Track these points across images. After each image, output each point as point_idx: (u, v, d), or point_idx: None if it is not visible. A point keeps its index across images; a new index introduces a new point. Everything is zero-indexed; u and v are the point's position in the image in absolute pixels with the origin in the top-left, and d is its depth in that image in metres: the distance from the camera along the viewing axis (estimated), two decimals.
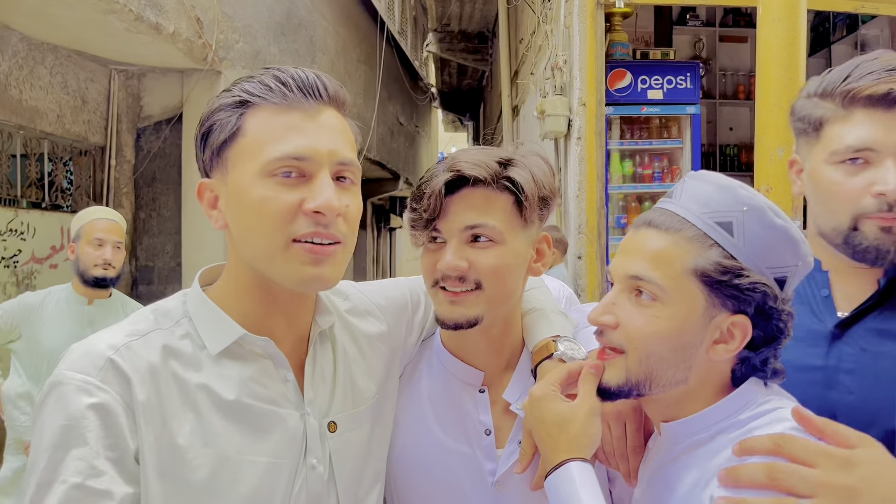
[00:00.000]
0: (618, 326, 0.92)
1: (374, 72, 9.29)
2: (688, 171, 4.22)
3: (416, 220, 1.04)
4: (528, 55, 5.43)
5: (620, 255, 0.97)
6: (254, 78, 0.93)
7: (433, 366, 1.19)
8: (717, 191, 0.92)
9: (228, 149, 0.91)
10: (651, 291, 0.90)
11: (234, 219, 0.92)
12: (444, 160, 1.08)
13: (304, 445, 0.96)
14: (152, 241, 5.70)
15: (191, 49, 4.85)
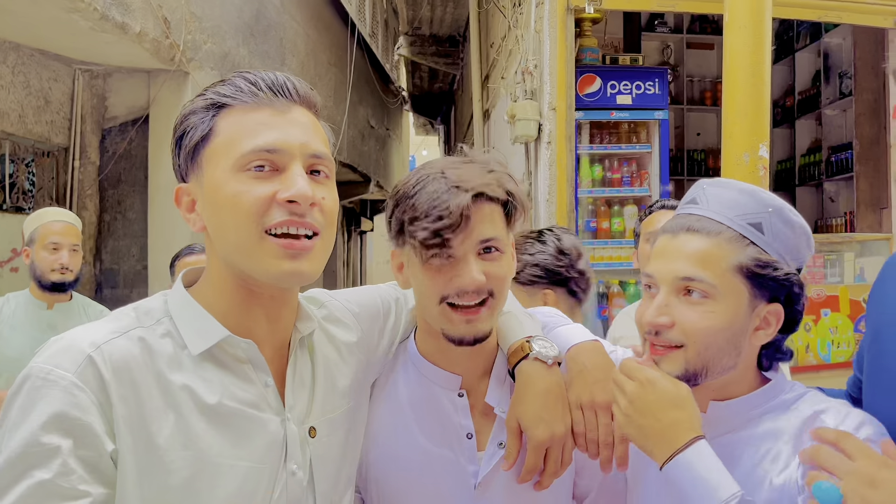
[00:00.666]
0: (674, 325, 1.02)
1: (345, 74, 9.25)
2: (656, 175, 4.28)
3: (429, 238, 1.03)
4: (499, 59, 5.45)
5: (662, 259, 1.06)
6: (225, 81, 0.95)
7: (410, 372, 1.19)
8: (742, 195, 1.06)
9: (202, 150, 0.92)
10: (702, 290, 1.01)
11: (210, 217, 0.93)
12: (436, 176, 1.07)
13: (284, 451, 0.95)
14: (117, 243, 5.60)
15: (158, 49, 4.77)
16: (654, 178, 4.29)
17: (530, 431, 1.08)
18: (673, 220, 1.10)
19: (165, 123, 5.21)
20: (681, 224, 1.06)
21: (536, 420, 1.08)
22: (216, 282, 0.97)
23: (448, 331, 1.09)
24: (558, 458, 1.09)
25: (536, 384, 1.11)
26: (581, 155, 4.26)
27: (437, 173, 1.06)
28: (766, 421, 1.05)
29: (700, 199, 1.08)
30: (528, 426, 1.09)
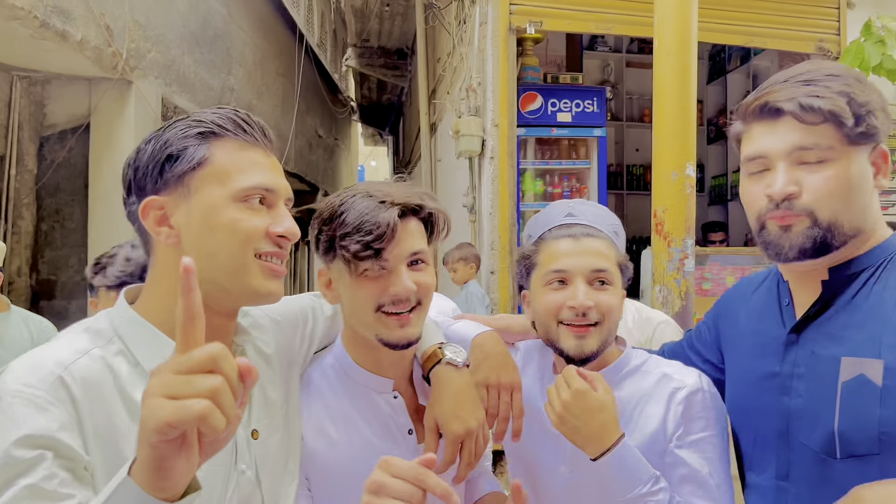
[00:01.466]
0: (594, 307, 1.26)
1: (293, 84, 9.24)
2: (595, 190, 4.43)
3: (361, 251, 1.13)
4: (445, 75, 5.55)
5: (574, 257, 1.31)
6: (220, 114, 1.04)
7: (343, 382, 1.28)
8: (600, 210, 1.40)
9: (193, 174, 1.00)
10: (608, 278, 1.30)
11: (197, 236, 1.00)
12: (363, 194, 1.17)
13: (234, 453, 1.04)
14: (55, 254, 5.47)
15: (99, 57, 4.72)
16: (593, 192, 4.45)
17: (447, 427, 1.20)
18: (568, 228, 1.33)
19: (107, 132, 5.14)
20: (580, 231, 1.32)
21: (452, 417, 1.20)
22: (169, 299, 1.00)
23: (384, 336, 1.18)
24: (472, 450, 1.22)
25: (450, 386, 1.23)
26: (525, 169, 4.39)
27: (362, 193, 1.18)
28: (627, 385, 1.33)
29: (576, 213, 1.35)
30: (444, 423, 1.21)
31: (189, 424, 0.69)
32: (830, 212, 1.07)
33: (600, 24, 4.10)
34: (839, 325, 1.11)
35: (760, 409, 1.20)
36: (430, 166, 6.35)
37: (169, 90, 5.68)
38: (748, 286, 1.38)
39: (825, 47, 4.60)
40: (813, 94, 1.05)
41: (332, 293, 1.24)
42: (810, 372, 1.13)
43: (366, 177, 21.98)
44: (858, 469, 1.03)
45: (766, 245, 1.13)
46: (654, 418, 1.28)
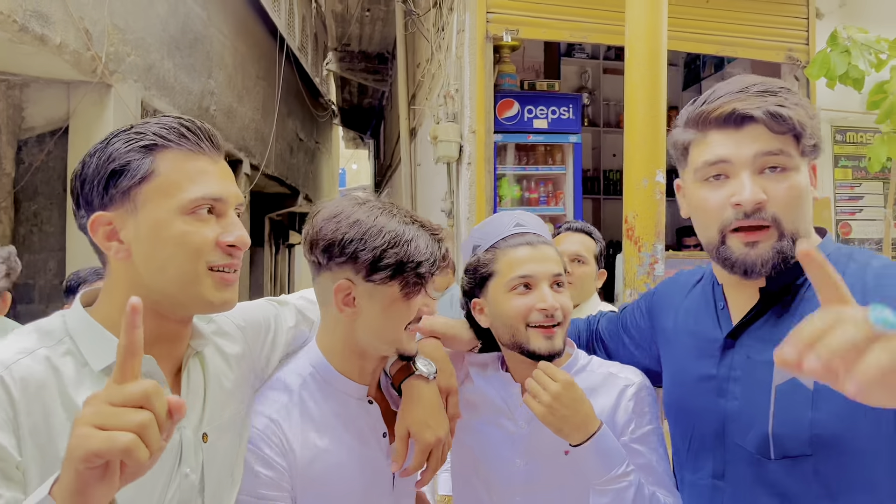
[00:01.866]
0: (559, 307, 1.37)
1: (274, 88, 9.24)
2: (570, 195, 4.51)
3: (427, 277, 1.26)
4: (424, 81, 5.62)
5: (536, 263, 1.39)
6: (163, 124, 1.03)
7: (322, 388, 1.34)
8: (539, 220, 1.50)
9: (139, 188, 0.99)
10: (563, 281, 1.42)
11: (147, 250, 1.00)
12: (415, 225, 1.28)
13: (179, 456, 1.05)
14: (33, 257, 5.45)
15: (78, 61, 4.72)
16: (569, 197, 4.53)
17: (419, 436, 1.28)
18: (522, 236, 1.42)
19: (86, 135, 5.13)
20: (534, 239, 1.42)
21: (423, 427, 1.29)
22: (121, 308, 0.98)
23: (405, 348, 1.30)
24: (439, 456, 1.31)
25: (421, 397, 1.32)
26: (502, 175, 4.46)
27: (413, 222, 1.27)
28: (579, 381, 1.36)
29: (523, 223, 1.45)
30: (417, 432, 1.29)
31: (114, 456, 0.72)
32: (792, 221, 1.08)
33: (575, 33, 4.18)
34: (774, 331, 1.12)
35: (697, 410, 1.24)
36: (410, 171, 6.40)
37: (148, 94, 5.69)
38: (685, 283, 1.41)
39: (794, 56, 4.72)
40: (780, 104, 1.07)
41: (353, 308, 1.26)
42: (746, 376, 1.15)
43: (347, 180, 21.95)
44: (792, 469, 1.06)
45: (729, 262, 1.12)
46: (604, 410, 1.38)
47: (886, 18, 4.76)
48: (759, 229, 1.08)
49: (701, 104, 1.14)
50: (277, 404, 1.29)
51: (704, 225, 1.16)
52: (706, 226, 1.15)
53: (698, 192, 1.15)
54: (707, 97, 1.14)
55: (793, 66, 4.73)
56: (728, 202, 1.09)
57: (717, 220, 1.11)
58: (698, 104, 1.15)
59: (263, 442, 1.24)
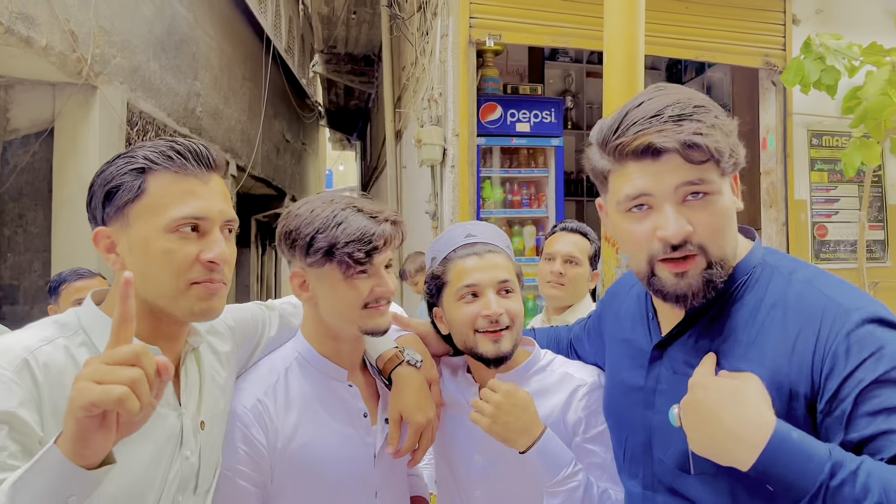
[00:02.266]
0: (504, 313, 1.43)
1: (260, 89, 9.26)
2: (552, 197, 4.58)
3: (363, 258, 1.32)
4: (409, 84, 5.67)
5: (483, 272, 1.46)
6: (155, 147, 1.13)
7: (305, 369, 1.44)
8: (494, 229, 1.57)
9: (131, 206, 1.10)
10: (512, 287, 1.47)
11: (136, 264, 1.10)
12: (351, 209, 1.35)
13: (180, 439, 1.17)
14: (18, 258, 5.45)
15: (64, 63, 4.73)
16: (551, 200, 4.59)
17: (412, 418, 1.41)
18: (471, 247, 1.49)
19: (71, 137, 5.14)
20: (482, 248, 1.48)
21: (415, 409, 1.42)
22: None
23: (367, 326, 1.38)
24: (429, 437, 1.44)
25: (412, 383, 1.44)
26: (486, 178, 4.52)
27: (349, 207, 1.36)
28: (533, 382, 1.50)
29: (475, 233, 1.52)
30: (409, 414, 1.41)
31: (109, 406, 0.83)
32: (719, 247, 1.06)
33: (557, 38, 4.24)
34: (698, 346, 1.11)
35: (629, 421, 1.25)
36: (395, 173, 6.45)
37: (134, 95, 5.70)
38: (624, 287, 1.43)
39: (772, 62, 4.81)
40: (697, 131, 1.02)
41: (308, 293, 1.40)
42: (670, 389, 1.14)
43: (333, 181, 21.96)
44: (711, 485, 1.06)
45: (661, 293, 1.10)
46: (555, 410, 1.45)
47: (861, 25, 4.86)
48: (686, 259, 1.06)
49: (615, 132, 1.08)
50: (265, 385, 1.40)
51: (632, 255, 1.13)
52: (634, 256, 1.13)
53: (623, 223, 1.12)
54: (621, 123, 1.08)
55: (770, 72, 4.83)
56: (654, 235, 1.06)
57: (644, 252, 1.09)
58: (612, 131, 1.09)
59: (250, 420, 1.34)
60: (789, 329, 1.02)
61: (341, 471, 1.39)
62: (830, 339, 0.97)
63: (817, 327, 1.00)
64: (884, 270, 4.97)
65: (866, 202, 4.51)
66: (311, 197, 1.42)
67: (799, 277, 1.08)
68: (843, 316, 0.98)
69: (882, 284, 4.85)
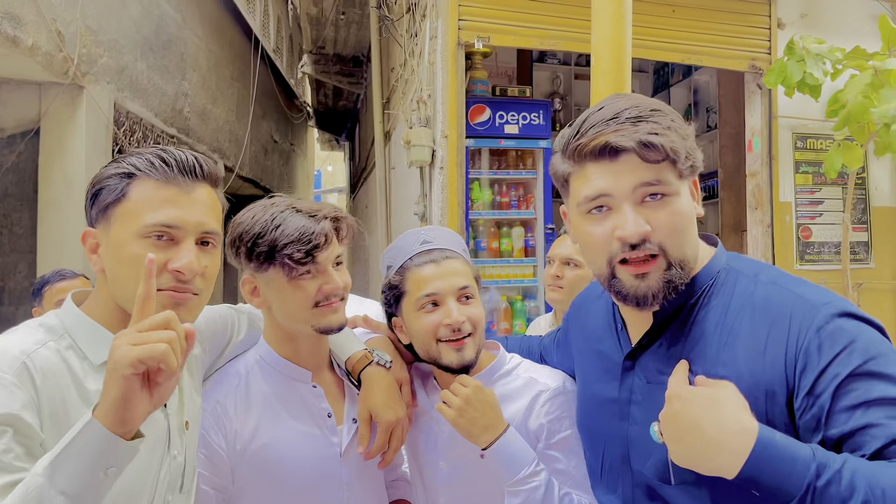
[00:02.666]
0: (466, 320, 1.41)
1: (248, 89, 9.23)
2: (541, 199, 4.60)
3: (304, 258, 1.31)
4: (398, 85, 5.68)
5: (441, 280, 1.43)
6: (142, 154, 1.14)
7: (267, 376, 1.44)
8: (452, 234, 1.55)
9: (113, 209, 1.12)
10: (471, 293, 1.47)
11: (110, 266, 1.12)
12: (290, 210, 1.35)
13: (168, 440, 1.19)
14: (3, 259, 5.41)
15: (50, 63, 4.70)
16: (539, 201, 4.62)
17: (382, 417, 1.41)
18: (427, 254, 1.45)
19: (57, 137, 5.11)
20: (439, 255, 1.46)
21: (385, 408, 1.41)
22: (107, 308, 1.16)
23: (322, 324, 1.38)
24: (399, 436, 1.43)
25: (381, 383, 1.44)
26: (475, 179, 4.54)
27: (287, 208, 1.35)
28: (497, 387, 1.47)
29: (430, 239, 1.49)
30: (379, 413, 1.41)
31: (152, 362, 0.88)
32: (679, 248, 1.07)
33: (545, 41, 4.27)
34: (669, 355, 1.11)
35: (606, 434, 1.23)
36: (384, 174, 6.45)
37: (121, 95, 5.67)
38: (589, 298, 1.42)
39: (757, 65, 4.86)
40: (652, 131, 1.04)
41: (260, 299, 1.40)
42: (644, 400, 1.14)
43: (322, 182, 21.90)
44: (691, 495, 1.06)
45: (621, 295, 1.10)
46: (516, 415, 1.43)
47: (846, 29, 4.92)
48: (646, 261, 1.07)
49: (575, 135, 1.10)
50: (225, 388, 1.40)
51: (593, 257, 1.13)
52: (594, 258, 1.13)
53: (583, 225, 1.12)
54: (580, 127, 1.10)
55: (756, 75, 4.87)
56: (613, 235, 1.07)
57: (604, 253, 1.09)
58: (572, 135, 1.11)
59: (209, 423, 1.35)
60: (759, 330, 1.03)
61: (305, 471, 1.39)
62: (801, 335, 0.99)
63: (787, 325, 1.01)
64: (867, 272, 5.03)
65: (850, 204, 4.57)
66: (254, 203, 1.42)
67: (764, 279, 1.09)
68: (812, 312, 0.99)
69: (865, 286, 4.91)
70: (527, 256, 4.61)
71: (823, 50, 4.01)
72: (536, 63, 6.49)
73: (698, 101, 6.39)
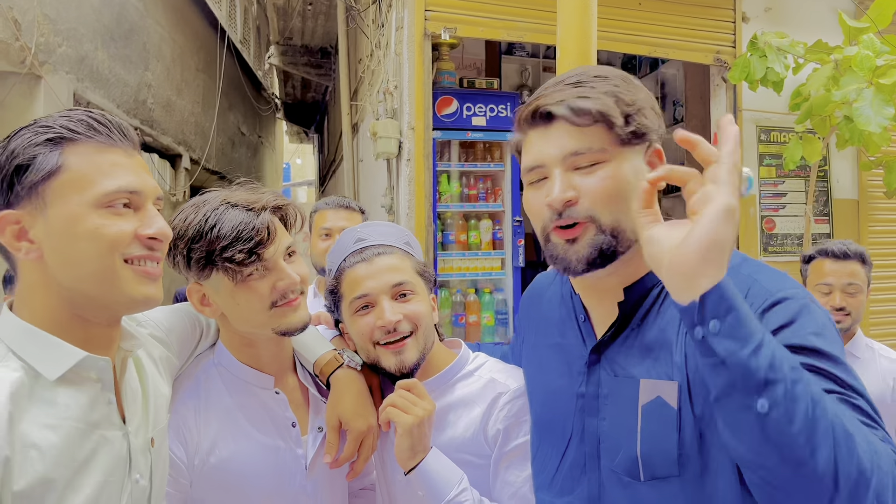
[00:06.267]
0: (402, 319, 1.33)
1: (214, 80, 9.08)
2: (508, 192, 4.60)
3: (247, 258, 1.19)
4: (365, 77, 5.62)
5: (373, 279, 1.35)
6: (70, 117, 0.98)
7: (227, 383, 1.33)
8: (390, 227, 1.46)
9: (47, 183, 0.94)
10: (410, 289, 1.37)
11: (60, 248, 0.96)
12: (223, 206, 1.23)
13: (128, 462, 1.03)
14: None
15: (7, 52, 4.57)
16: (507, 193, 4.61)
17: (352, 424, 1.30)
18: (360, 253, 1.37)
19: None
20: (371, 253, 1.37)
21: (355, 415, 1.31)
22: (48, 306, 0.98)
23: (282, 326, 1.27)
24: (370, 444, 1.33)
25: (351, 387, 1.34)
26: (443, 171, 4.51)
27: (223, 203, 1.22)
28: (458, 389, 1.39)
29: (364, 237, 1.41)
30: (349, 420, 1.30)
31: None
32: (611, 215, 1.04)
33: (512, 32, 4.25)
34: (635, 346, 1.09)
35: (568, 430, 1.17)
36: (352, 166, 6.40)
37: (81, 86, 5.54)
38: (539, 289, 1.37)
39: (722, 59, 4.90)
40: (581, 95, 1.03)
41: (211, 307, 1.27)
42: (613, 394, 1.10)
43: (291, 175, 21.71)
44: (661, 490, 1.03)
45: (553, 259, 1.09)
46: (474, 421, 1.34)
47: (809, 22, 4.99)
48: (573, 227, 1.05)
49: (525, 104, 1.11)
50: (183, 396, 1.28)
51: (535, 226, 1.12)
52: (536, 227, 1.11)
53: (526, 196, 1.12)
54: (533, 94, 1.10)
55: (721, 68, 4.92)
56: (545, 203, 1.06)
57: (540, 220, 1.09)
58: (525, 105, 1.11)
59: (170, 435, 1.23)
60: None
61: (267, 487, 1.28)
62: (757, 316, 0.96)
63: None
64: None
65: (812, 197, 4.63)
66: (185, 204, 1.29)
67: (744, 272, 1.05)
68: (764, 295, 0.98)
69: None
70: (495, 249, 4.60)
71: (785, 44, 4.05)
72: (505, 55, 6.47)
73: (665, 94, 6.44)
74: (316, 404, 1.39)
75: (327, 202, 2.78)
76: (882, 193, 4.78)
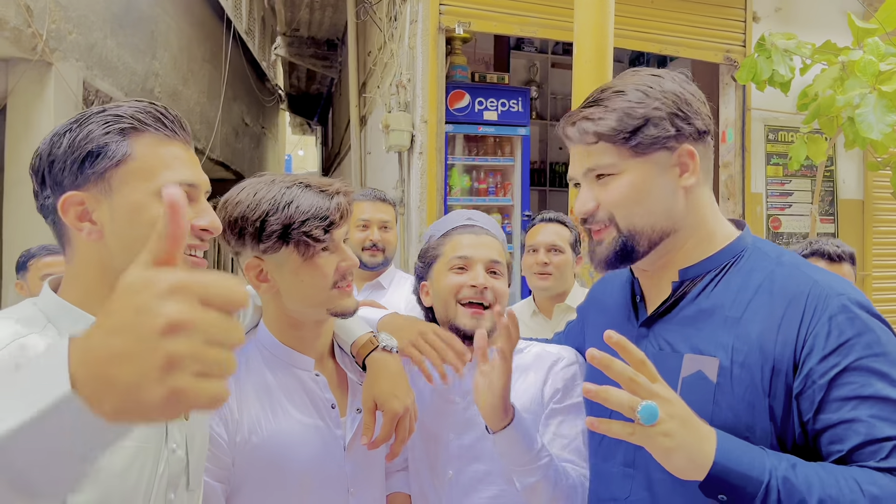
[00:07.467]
0: (488, 288, 1.46)
1: (220, 70, 9.08)
2: (518, 186, 4.63)
3: (322, 235, 1.27)
4: (376, 69, 5.64)
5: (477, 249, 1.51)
6: (134, 107, 1.03)
7: (267, 359, 1.38)
8: (491, 219, 1.64)
9: (116, 170, 0.99)
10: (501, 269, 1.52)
11: (122, 232, 1.00)
12: (300, 186, 1.30)
13: (165, 432, 1.07)
14: None
15: (18, 38, 4.57)
16: (517, 188, 4.64)
17: (387, 406, 1.32)
18: (469, 227, 1.56)
19: (24, 114, 4.97)
20: (479, 230, 1.56)
21: (391, 397, 1.33)
22: (90, 287, 1.02)
23: (337, 308, 1.33)
24: (406, 426, 1.35)
25: (387, 369, 1.37)
26: (453, 165, 4.54)
27: (294, 184, 1.30)
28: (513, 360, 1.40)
29: (475, 219, 1.60)
30: (384, 402, 1.33)
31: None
32: (626, 219, 1.16)
33: (525, 28, 4.27)
34: (683, 324, 1.16)
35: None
36: (359, 158, 6.42)
37: (91, 73, 5.54)
38: (611, 282, 1.45)
39: (732, 58, 4.93)
40: (587, 116, 1.15)
41: (268, 283, 1.31)
42: (657, 366, 1.12)
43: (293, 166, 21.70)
44: None
45: (591, 259, 1.24)
46: (533, 386, 1.47)
47: (818, 23, 5.02)
48: (599, 230, 1.19)
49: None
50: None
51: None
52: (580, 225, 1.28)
53: (572, 195, 1.29)
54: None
55: (730, 67, 4.95)
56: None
57: (581, 225, 1.25)
58: None
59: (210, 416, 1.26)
60: (776, 309, 1.07)
61: (307, 465, 1.31)
62: (814, 320, 1.02)
63: (802, 308, 1.04)
64: None
65: (818, 196, 4.67)
66: (244, 182, 1.34)
67: (786, 261, 1.13)
68: (828, 299, 1.03)
69: None
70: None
71: (792, 45, 4.08)
72: (513, 50, 6.50)
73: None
74: (354, 387, 1.43)
75: (364, 194, 2.86)
76: (888, 194, 4.81)
